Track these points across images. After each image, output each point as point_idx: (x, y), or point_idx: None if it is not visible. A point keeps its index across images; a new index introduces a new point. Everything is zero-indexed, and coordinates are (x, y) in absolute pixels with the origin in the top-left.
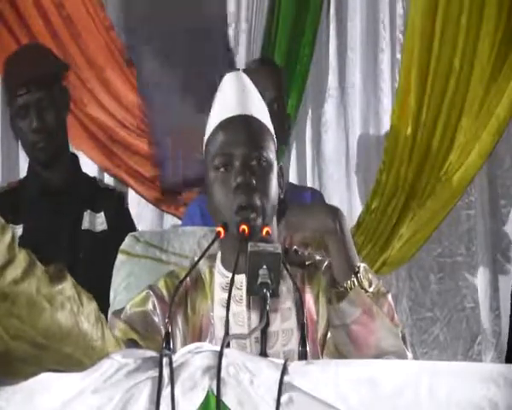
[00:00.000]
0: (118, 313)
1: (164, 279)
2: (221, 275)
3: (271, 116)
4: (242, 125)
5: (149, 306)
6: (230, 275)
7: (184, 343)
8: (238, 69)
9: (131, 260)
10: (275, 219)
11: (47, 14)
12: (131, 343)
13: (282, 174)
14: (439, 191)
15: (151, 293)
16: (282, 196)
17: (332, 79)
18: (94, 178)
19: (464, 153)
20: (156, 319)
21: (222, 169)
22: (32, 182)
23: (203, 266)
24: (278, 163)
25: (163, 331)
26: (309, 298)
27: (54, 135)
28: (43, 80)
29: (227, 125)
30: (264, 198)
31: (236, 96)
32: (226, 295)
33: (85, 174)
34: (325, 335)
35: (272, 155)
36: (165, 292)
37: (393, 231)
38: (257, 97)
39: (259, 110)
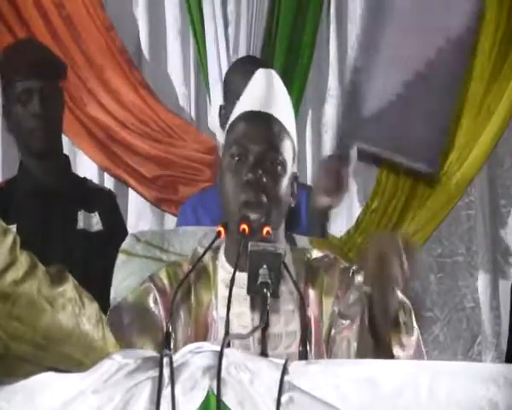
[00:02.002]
0: (114, 314)
1: (166, 269)
2: (224, 270)
3: None
4: (264, 122)
5: (150, 300)
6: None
7: (186, 335)
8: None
9: (132, 259)
10: (283, 225)
11: (47, 14)
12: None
13: (297, 183)
14: (439, 191)
15: (152, 286)
16: (292, 205)
17: (332, 79)
18: (84, 179)
19: (464, 153)
20: (157, 312)
21: (236, 158)
22: (24, 181)
23: (206, 256)
24: (295, 170)
25: (163, 325)
26: (312, 298)
27: (52, 126)
28: (46, 71)
29: (250, 117)
30: (272, 199)
31: (264, 93)
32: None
33: (76, 175)
34: (329, 333)
35: (288, 160)
36: (166, 282)
37: (393, 231)
38: (284, 100)
39: (284, 113)
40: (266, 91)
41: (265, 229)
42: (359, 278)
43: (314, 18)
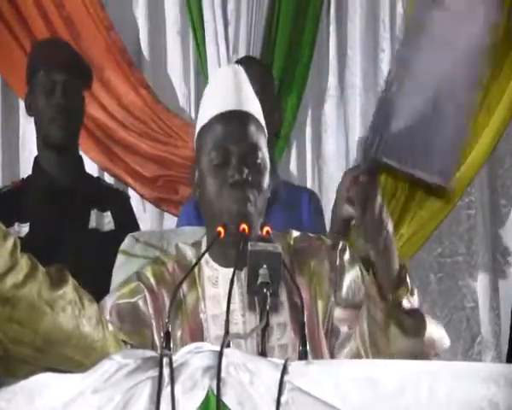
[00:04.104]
0: (104, 307)
1: (151, 267)
2: (210, 268)
3: None
4: (241, 121)
5: (140, 298)
6: (220, 269)
7: (178, 335)
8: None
9: (131, 260)
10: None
11: (47, 14)
12: None
13: (273, 169)
14: (439, 191)
15: (141, 285)
16: (270, 188)
17: (332, 79)
18: (97, 178)
19: (465, 153)
20: (146, 310)
21: (217, 163)
22: (38, 180)
23: (188, 252)
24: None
25: (153, 324)
26: (302, 287)
27: (71, 120)
28: (72, 68)
29: (225, 119)
30: (258, 195)
31: (234, 91)
32: (216, 291)
33: (89, 174)
34: (324, 321)
35: (266, 153)
36: (153, 281)
37: (394, 230)
38: (252, 93)
39: (255, 106)
40: (236, 88)
41: (265, 228)
42: (347, 256)
43: (314, 17)
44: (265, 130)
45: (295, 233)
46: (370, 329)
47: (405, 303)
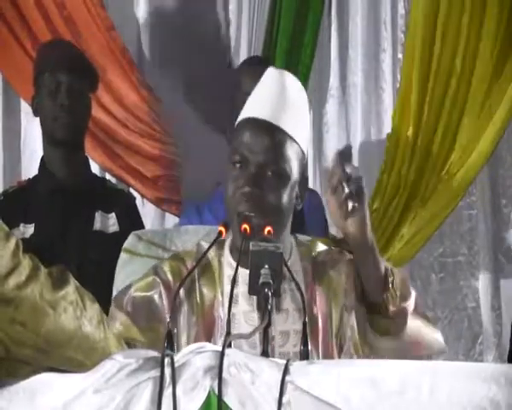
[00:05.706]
0: (119, 299)
1: (169, 263)
2: (230, 267)
3: None
4: (268, 132)
5: (155, 292)
6: (240, 269)
7: (190, 332)
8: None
9: (134, 259)
10: (288, 228)
11: (48, 14)
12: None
13: (304, 186)
14: (440, 191)
15: (157, 280)
16: (298, 208)
17: (333, 79)
18: (103, 179)
19: (466, 153)
20: (160, 305)
21: (238, 166)
22: (44, 181)
23: (212, 252)
24: (304, 173)
25: (167, 320)
26: (320, 297)
27: (75, 120)
28: (77, 69)
29: (253, 126)
30: (270, 210)
31: (272, 99)
32: (235, 290)
33: (95, 174)
34: (338, 333)
35: (290, 168)
36: (170, 277)
37: (395, 231)
38: (294, 102)
39: (291, 119)
40: (276, 96)
41: (266, 229)
42: None
43: (315, 18)
44: (299, 142)
45: (320, 247)
46: (359, 328)
47: (392, 308)
